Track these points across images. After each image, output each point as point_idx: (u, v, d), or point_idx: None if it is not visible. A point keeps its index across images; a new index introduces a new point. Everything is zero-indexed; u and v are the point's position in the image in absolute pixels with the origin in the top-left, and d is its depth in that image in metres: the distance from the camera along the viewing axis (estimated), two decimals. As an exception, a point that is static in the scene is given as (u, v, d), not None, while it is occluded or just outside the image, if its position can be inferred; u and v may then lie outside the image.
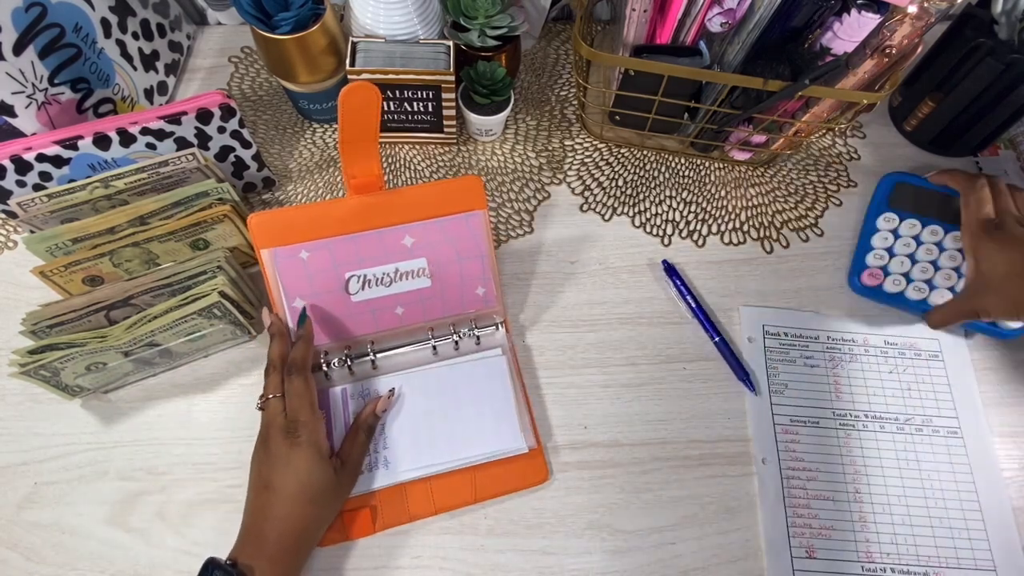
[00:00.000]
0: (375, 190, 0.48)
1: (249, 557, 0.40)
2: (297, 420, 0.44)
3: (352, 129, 0.44)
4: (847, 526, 0.50)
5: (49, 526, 0.48)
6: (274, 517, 0.42)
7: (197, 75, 0.70)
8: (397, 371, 0.52)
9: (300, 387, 0.45)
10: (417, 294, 0.51)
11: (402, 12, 0.57)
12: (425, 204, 0.49)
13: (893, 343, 0.57)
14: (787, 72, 0.52)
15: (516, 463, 0.50)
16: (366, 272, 0.49)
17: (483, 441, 0.50)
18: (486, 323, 0.54)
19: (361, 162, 0.46)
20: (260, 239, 0.48)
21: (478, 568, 0.48)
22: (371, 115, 0.44)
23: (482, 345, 0.53)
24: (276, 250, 0.48)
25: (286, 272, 0.48)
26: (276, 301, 0.49)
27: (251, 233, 0.48)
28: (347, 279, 0.49)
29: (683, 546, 0.49)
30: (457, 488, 0.49)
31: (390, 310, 0.51)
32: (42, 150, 0.49)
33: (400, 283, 0.50)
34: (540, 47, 0.73)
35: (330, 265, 0.49)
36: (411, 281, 0.50)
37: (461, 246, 0.50)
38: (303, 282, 0.49)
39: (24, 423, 0.52)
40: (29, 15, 0.50)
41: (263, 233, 0.48)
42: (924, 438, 0.53)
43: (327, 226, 0.48)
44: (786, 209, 0.64)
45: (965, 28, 0.59)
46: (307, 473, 0.43)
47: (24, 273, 0.51)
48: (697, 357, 0.56)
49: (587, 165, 0.66)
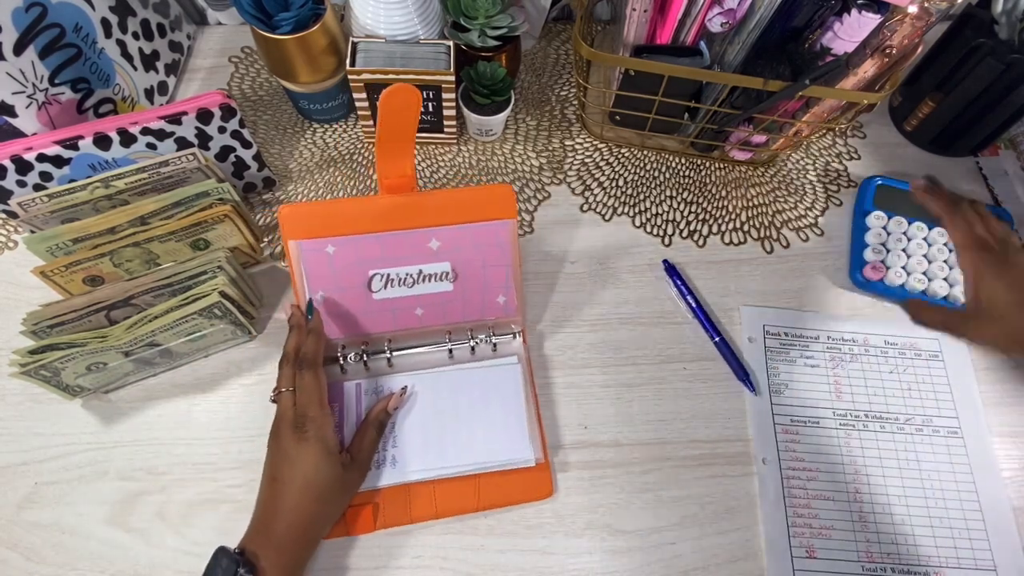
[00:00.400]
0: (407, 191, 0.48)
1: (257, 546, 0.41)
2: (306, 415, 0.44)
3: (390, 130, 0.44)
4: (847, 526, 0.50)
5: (49, 526, 0.48)
6: (281, 509, 0.42)
7: (197, 75, 0.70)
8: (412, 371, 0.52)
9: (310, 382, 0.45)
10: (438, 297, 0.51)
11: (402, 12, 0.57)
12: (455, 208, 0.49)
13: (893, 343, 0.57)
14: (787, 72, 0.52)
15: (522, 475, 0.49)
16: (390, 271, 0.49)
17: (492, 449, 0.49)
18: (504, 331, 0.54)
19: (396, 162, 0.46)
20: (289, 230, 0.48)
21: (478, 568, 0.48)
22: (410, 117, 0.44)
23: (498, 353, 0.53)
24: (303, 242, 0.48)
25: (311, 265, 0.48)
26: (300, 293, 0.49)
27: (280, 223, 0.48)
28: (370, 277, 0.49)
29: (683, 546, 0.49)
30: (461, 494, 0.49)
31: (410, 310, 0.51)
32: (42, 150, 0.49)
33: (422, 285, 0.50)
34: (540, 47, 0.73)
35: (355, 261, 0.49)
36: (433, 284, 0.50)
37: (487, 253, 0.50)
38: (327, 276, 0.49)
39: (24, 423, 0.52)
40: (29, 15, 0.50)
41: (292, 224, 0.48)
42: (924, 438, 0.53)
43: (356, 222, 0.48)
44: (786, 209, 0.64)
45: (965, 28, 0.59)
46: (314, 468, 0.43)
47: (24, 273, 0.51)
48: (697, 357, 0.56)
49: (587, 165, 0.66)
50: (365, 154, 0.65)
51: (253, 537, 0.42)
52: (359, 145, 0.66)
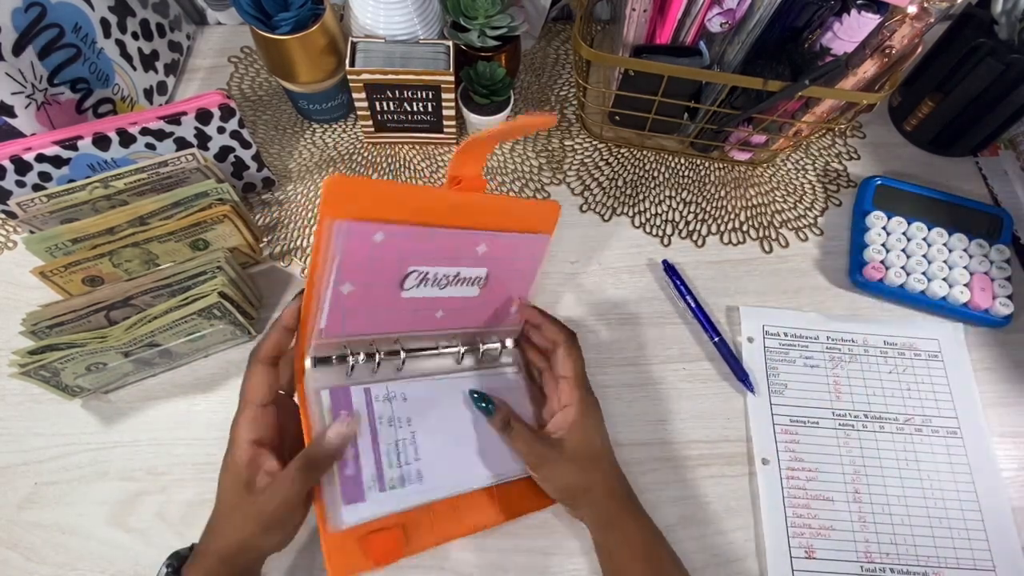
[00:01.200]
0: (478, 189, 0.45)
1: (188, 569, 0.39)
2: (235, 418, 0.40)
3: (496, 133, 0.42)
4: (847, 526, 0.50)
5: (49, 526, 0.48)
6: (208, 529, 0.40)
7: (197, 75, 0.70)
8: (420, 375, 0.48)
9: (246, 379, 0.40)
10: (462, 301, 0.47)
11: (402, 12, 0.57)
12: (506, 216, 0.46)
13: (893, 343, 0.57)
14: (787, 72, 0.52)
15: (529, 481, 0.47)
16: (430, 270, 0.44)
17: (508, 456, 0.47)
18: (509, 336, 0.52)
19: (476, 160, 0.44)
20: (332, 206, 0.37)
21: (478, 568, 0.48)
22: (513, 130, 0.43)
23: (501, 360, 0.52)
24: (350, 224, 0.38)
25: (349, 251, 0.39)
26: (319, 282, 0.39)
27: (323, 196, 0.38)
28: (408, 273, 0.43)
29: (683, 546, 0.49)
30: (481, 507, 0.46)
31: (431, 312, 0.46)
32: (42, 150, 0.49)
33: (453, 287, 0.46)
34: (540, 47, 0.73)
35: (398, 254, 0.42)
36: (463, 288, 0.47)
37: (519, 264, 0.49)
38: (362, 266, 0.40)
39: (24, 423, 0.52)
40: (29, 15, 0.50)
41: (338, 200, 0.37)
42: (924, 438, 0.53)
43: (413, 211, 0.41)
44: (786, 209, 0.64)
45: (965, 28, 0.59)
46: (220, 485, 0.40)
47: (24, 273, 0.51)
48: (697, 357, 0.56)
49: (587, 165, 0.66)
50: (364, 154, 0.65)
51: (191, 559, 0.39)
52: (359, 145, 0.66)
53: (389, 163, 0.65)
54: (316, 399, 0.41)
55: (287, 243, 0.60)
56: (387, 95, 0.59)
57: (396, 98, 0.59)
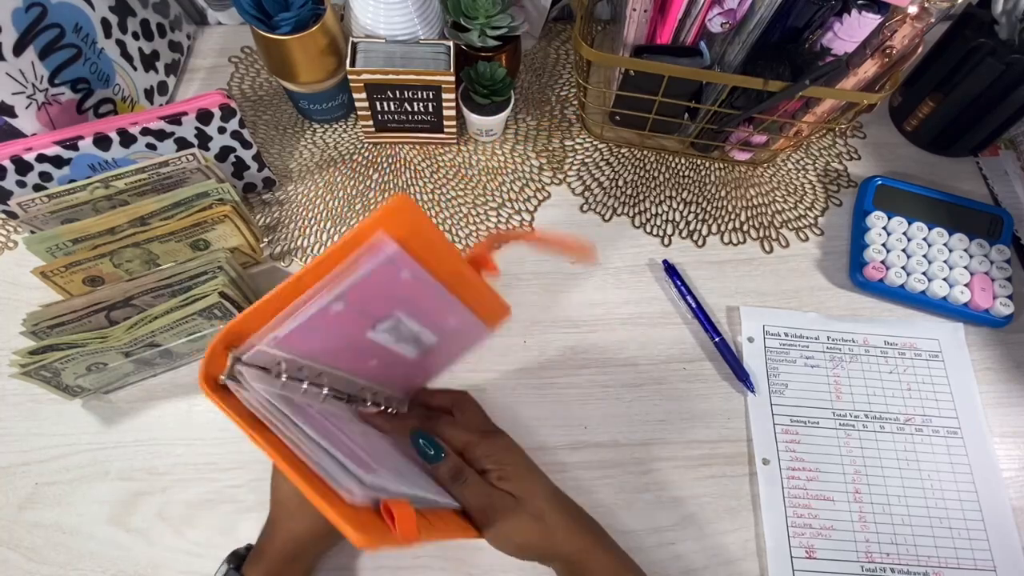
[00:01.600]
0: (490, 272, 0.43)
1: (248, 568, 0.41)
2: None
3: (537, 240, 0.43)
4: (847, 526, 0.50)
5: (50, 526, 0.48)
6: (267, 529, 0.43)
7: (197, 75, 0.70)
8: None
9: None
10: (399, 359, 0.43)
11: (402, 12, 0.57)
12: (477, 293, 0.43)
13: (893, 343, 0.57)
14: (787, 72, 0.52)
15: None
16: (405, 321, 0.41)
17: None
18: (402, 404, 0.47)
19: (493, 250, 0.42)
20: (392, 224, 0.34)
21: (478, 568, 0.48)
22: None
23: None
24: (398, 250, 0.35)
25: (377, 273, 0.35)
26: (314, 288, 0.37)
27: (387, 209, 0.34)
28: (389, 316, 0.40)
29: (683, 546, 0.49)
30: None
31: (369, 358, 0.43)
32: (42, 150, 0.49)
33: (404, 344, 0.43)
34: (540, 47, 0.73)
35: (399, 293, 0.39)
36: (409, 347, 0.43)
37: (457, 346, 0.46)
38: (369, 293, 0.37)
39: (25, 423, 0.52)
40: (29, 15, 0.50)
41: (399, 221, 0.34)
42: (924, 438, 0.53)
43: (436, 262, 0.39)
44: (786, 209, 0.64)
45: (965, 28, 0.59)
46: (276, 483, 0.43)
47: (24, 273, 0.51)
48: (697, 357, 0.56)
49: (587, 165, 0.66)
50: (365, 154, 0.65)
51: (250, 559, 0.42)
52: (359, 145, 0.66)
53: (389, 163, 0.65)
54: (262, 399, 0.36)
55: (288, 243, 0.60)
56: (387, 95, 0.59)
57: (396, 98, 0.59)
